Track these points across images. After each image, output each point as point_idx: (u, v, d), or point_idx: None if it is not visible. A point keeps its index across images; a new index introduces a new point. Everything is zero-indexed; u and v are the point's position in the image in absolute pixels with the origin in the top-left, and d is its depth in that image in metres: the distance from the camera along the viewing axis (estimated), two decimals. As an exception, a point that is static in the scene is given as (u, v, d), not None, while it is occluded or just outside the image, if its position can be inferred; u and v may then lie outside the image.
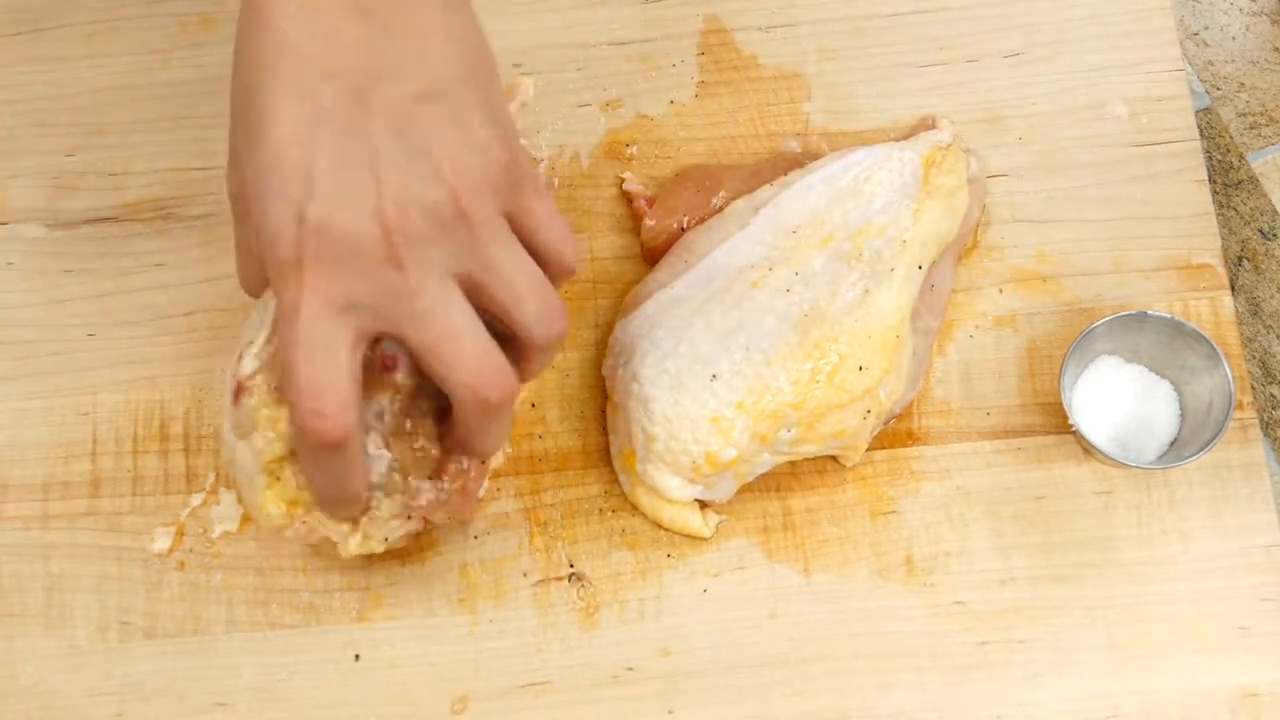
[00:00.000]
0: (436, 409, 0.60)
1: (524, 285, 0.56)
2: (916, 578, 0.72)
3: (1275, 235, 0.81)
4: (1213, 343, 0.71)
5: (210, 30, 0.83)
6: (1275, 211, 0.81)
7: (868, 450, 0.74)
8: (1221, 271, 0.77)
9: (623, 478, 0.73)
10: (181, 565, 0.74)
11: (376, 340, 0.57)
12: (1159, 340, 0.73)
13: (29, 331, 0.77)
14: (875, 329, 0.71)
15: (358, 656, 0.72)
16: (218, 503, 0.75)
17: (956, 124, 0.78)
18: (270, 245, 0.52)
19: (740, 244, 0.73)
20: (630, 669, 0.72)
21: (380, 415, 0.59)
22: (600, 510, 0.74)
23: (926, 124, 0.77)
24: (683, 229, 0.76)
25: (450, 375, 0.55)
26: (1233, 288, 0.79)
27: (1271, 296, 0.79)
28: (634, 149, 0.80)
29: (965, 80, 0.81)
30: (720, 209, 0.76)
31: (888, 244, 0.72)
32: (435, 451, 0.60)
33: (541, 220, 0.57)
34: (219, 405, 0.76)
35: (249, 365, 0.60)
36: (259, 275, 0.58)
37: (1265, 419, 0.77)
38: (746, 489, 0.73)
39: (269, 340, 0.60)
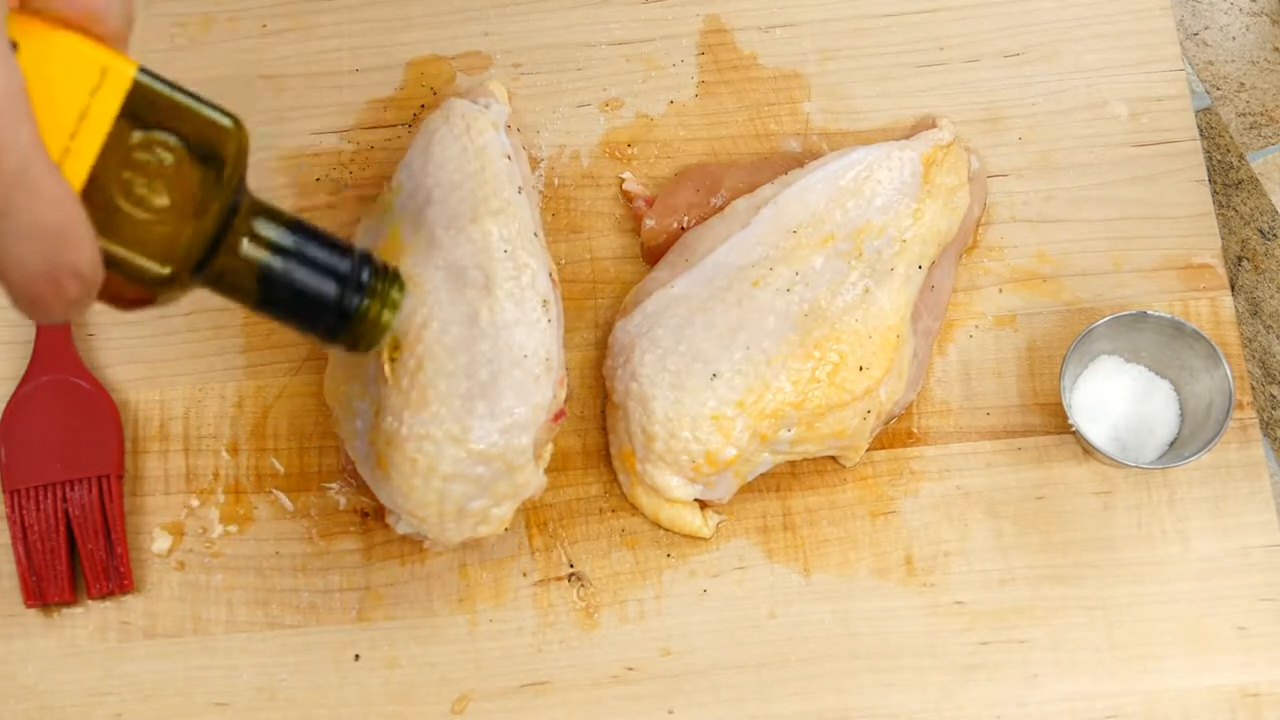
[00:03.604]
0: None
1: None
2: (916, 578, 0.72)
3: (1275, 235, 0.81)
4: (1213, 343, 0.71)
5: (210, 30, 0.83)
6: (1275, 211, 0.81)
7: (868, 450, 0.74)
8: (1221, 271, 0.77)
9: (622, 477, 0.73)
10: (181, 565, 0.74)
11: None
12: (1159, 340, 0.73)
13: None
14: (876, 329, 0.71)
15: (358, 656, 0.72)
16: (217, 503, 0.75)
17: (956, 124, 0.78)
18: None
19: (741, 243, 0.72)
20: (630, 669, 0.72)
21: None
22: (600, 510, 0.74)
23: (927, 124, 0.77)
24: (683, 229, 0.76)
25: None
26: (1233, 288, 0.79)
27: (1271, 296, 0.79)
28: (634, 149, 0.80)
29: (965, 80, 0.81)
30: (720, 208, 0.76)
31: (888, 243, 0.72)
32: None
33: None
34: (219, 406, 0.76)
35: None
36: None
37: (1265, 419, 0.77)
38: (746, 489, 0.73)
39: None
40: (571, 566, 0.73)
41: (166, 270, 0.49)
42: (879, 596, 0.72)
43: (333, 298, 0.53)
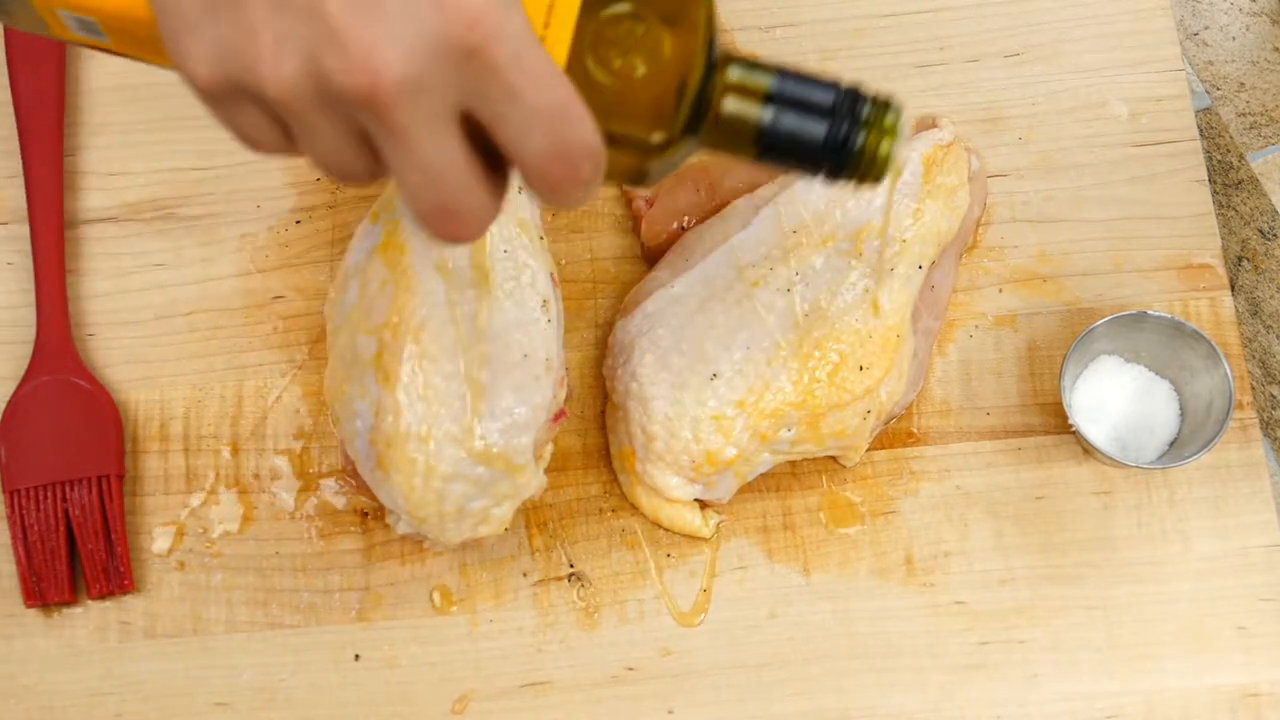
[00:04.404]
0: None
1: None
2: (916, 578, 0.72)
3: (1275, 235, 0.81)
4: (1213, 343, 0.71)
5: (210, 30, 0.83)
6: (1275, 211, 0.81)
7: (868, 450, 0.74)
8: (1221, 271, 0.77)
9: (622, 478, 0.73)
10: (181, 565, 0.74)
11: None
12: (1159, 340, 0.73)
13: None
14: (876, 329, 0.71)
15: (358, 656, 0.72)
16: (217, 503, 0.75)
17: (956, 124, 0.78)
18: None
19: (741, 243, 0.72)
20: (630, 669, 0.72)
21: None
22: (600, 510, 0.74)
23: (927, 124, 0.77)
24: (683, 229, 0.76)
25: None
26: (1233, 288, 0.79)
27: (1271, 296, 0.79)
28: (634, 149, 0.80)
29: (965, 80, 0.81)
30: (720, 208, 0.76)
31: (888, 243, 0.72)
32: None
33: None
34: (219, 406, 0.76)
35: None
36: None
37: (1265, 419, 0.77)
38: (746, 489, 0.73)
39: None
40: (571, 566, 0.73)
41: (659, 137, 0.49)
42: (879, 596, 0.72)
43: (827, 137, 0.51)
